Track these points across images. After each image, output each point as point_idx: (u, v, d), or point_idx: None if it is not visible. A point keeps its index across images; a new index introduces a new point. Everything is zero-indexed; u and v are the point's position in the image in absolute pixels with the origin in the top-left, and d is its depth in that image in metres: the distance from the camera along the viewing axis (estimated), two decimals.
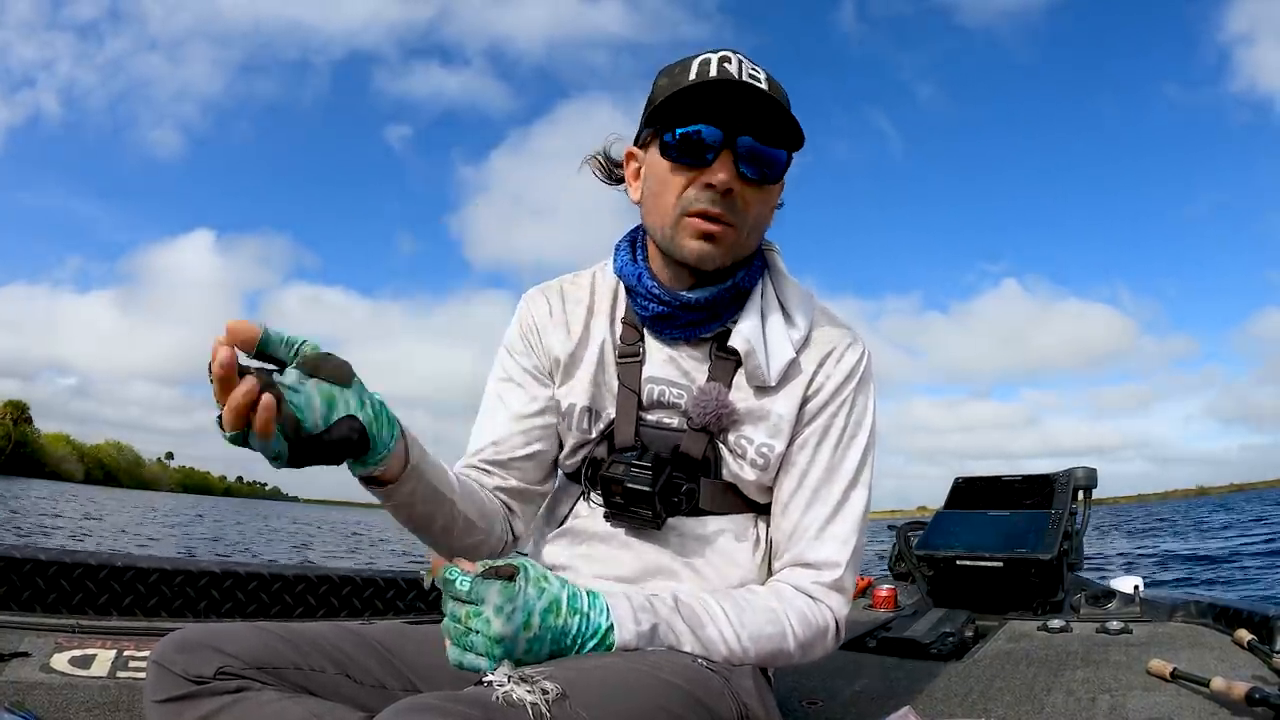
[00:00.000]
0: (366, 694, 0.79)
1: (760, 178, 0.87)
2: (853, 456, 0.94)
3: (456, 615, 0.70)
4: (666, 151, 0.87)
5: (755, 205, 0.89)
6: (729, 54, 0.86)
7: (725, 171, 0.85)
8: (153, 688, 0.73)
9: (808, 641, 0.88)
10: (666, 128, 0.87)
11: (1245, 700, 1.15)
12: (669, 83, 0.88)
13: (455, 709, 0.59)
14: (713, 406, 0.90)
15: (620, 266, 0.96)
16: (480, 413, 1.01)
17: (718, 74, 0.85)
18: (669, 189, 0.88)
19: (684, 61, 0.88)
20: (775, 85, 0.88)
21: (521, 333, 1.00)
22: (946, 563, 2.25)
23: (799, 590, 0.89)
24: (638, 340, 0.95)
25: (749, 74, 0.85)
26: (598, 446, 0.95)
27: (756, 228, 0.91)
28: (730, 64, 0.85)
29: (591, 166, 1.00)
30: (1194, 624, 1.85)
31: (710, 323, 0.93)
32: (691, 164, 0.86)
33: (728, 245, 0.88)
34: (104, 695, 1.21)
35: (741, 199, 0.87)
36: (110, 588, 1.54)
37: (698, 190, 0.86)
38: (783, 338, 0.92)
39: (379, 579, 1.85)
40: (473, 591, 0.70)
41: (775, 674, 0.99)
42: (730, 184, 0.85)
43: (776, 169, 0.88)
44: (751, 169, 0.86)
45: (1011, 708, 1.26)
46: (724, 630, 0.83)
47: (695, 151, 0.85)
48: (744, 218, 0.88)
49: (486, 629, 0.69)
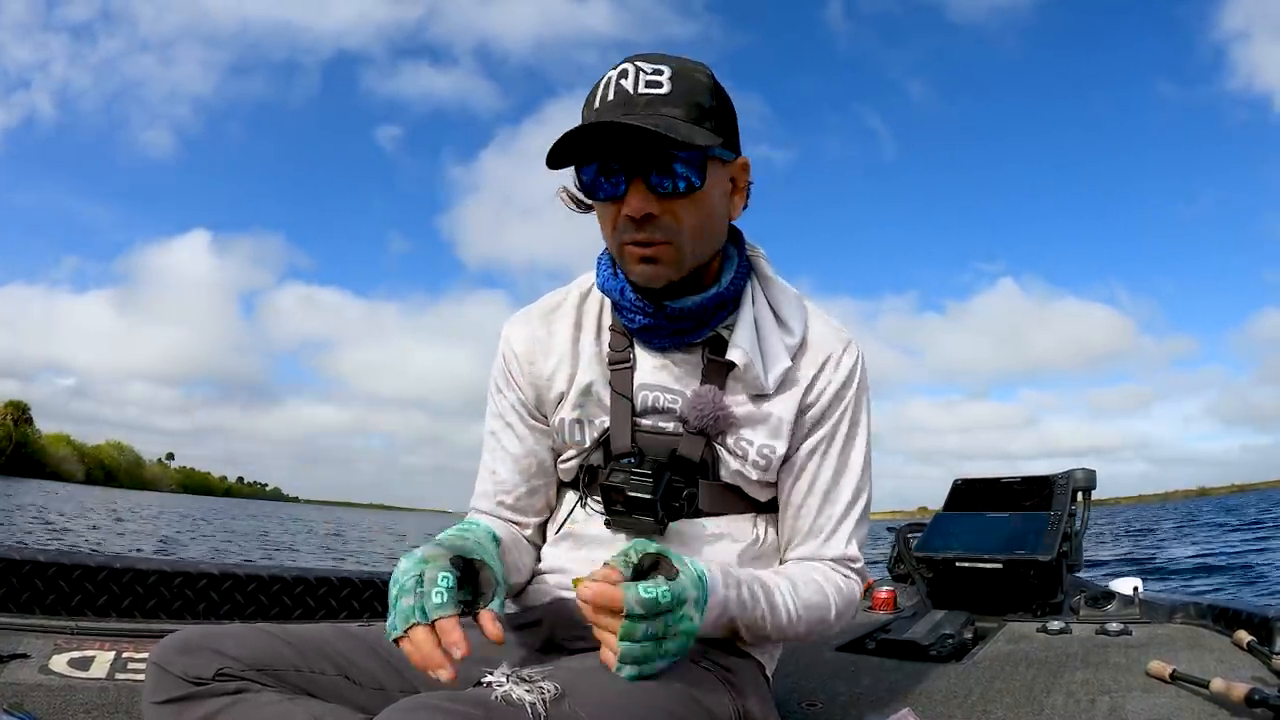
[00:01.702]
0: (366, 695, 0.79)
1: (676, 190, 0.83)
2: (857, 455, 0.96)
3: (653, 632, 0.71)
4: (588, 191, 0.87)
5: (687, 215, 0.85)
6: (628, 66, 0.83)
7: (637, 199, 0.83)
8: (152, 689, 0.73)
9: (841, 613, 0.93)
10: (574, 167, 0.86)
11: (1245, 702, 1.15)
12: (584, 113, 0.85)
13: (455, 708, 0.59)
14: (710, 410, 0.90)
15: (603, 282, 0.95)
16: (483, 451, 1.03)
17: (614, 96, 0.82)
18: (604, 222, 0.89)
19: (595, 85, 0.86)
20: (684, 78, 0.83)
21: (503, 367, 1.01)
22: (946, 564, 2.25)
23: (831, 568, 0.94)
24: (627, 347, 0.95)
25: (647, 82, 0.82)
26: (593, 454, 0.96)
27: (701, 231, 0.87)
28: (627, 78, 0.82)
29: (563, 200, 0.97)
30: (1193, 625, 1.85)
31: (699, 329, 0.93)
32: (607, 198, 0.85)
33: (671, 262, 0.86)
34: (103, 697, 1.21)
35: (669, 214, 0.84)
36: (109, 589, 1.54)
37: (622, 220, 0.85)
38: (779, 345, 0.93)
39: (378, 580, 1.85)
40: (674, 598, 0.72)
41: (774, 675, 0.99)
42: (644, 209, 0.83)
43: (694, 174, 0.84)
44: (667, 183, 0.83)
45: (1011, 709, 1.26)
46: (786, 598, 0.87)
47: (605, 189, 0.85)
48: (677, 231, 0.85)
49: (691, 627, 0.73)
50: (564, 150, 0.82)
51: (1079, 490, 2.33)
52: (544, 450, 1.00)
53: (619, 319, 0.96)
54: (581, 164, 0.85)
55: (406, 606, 0.70)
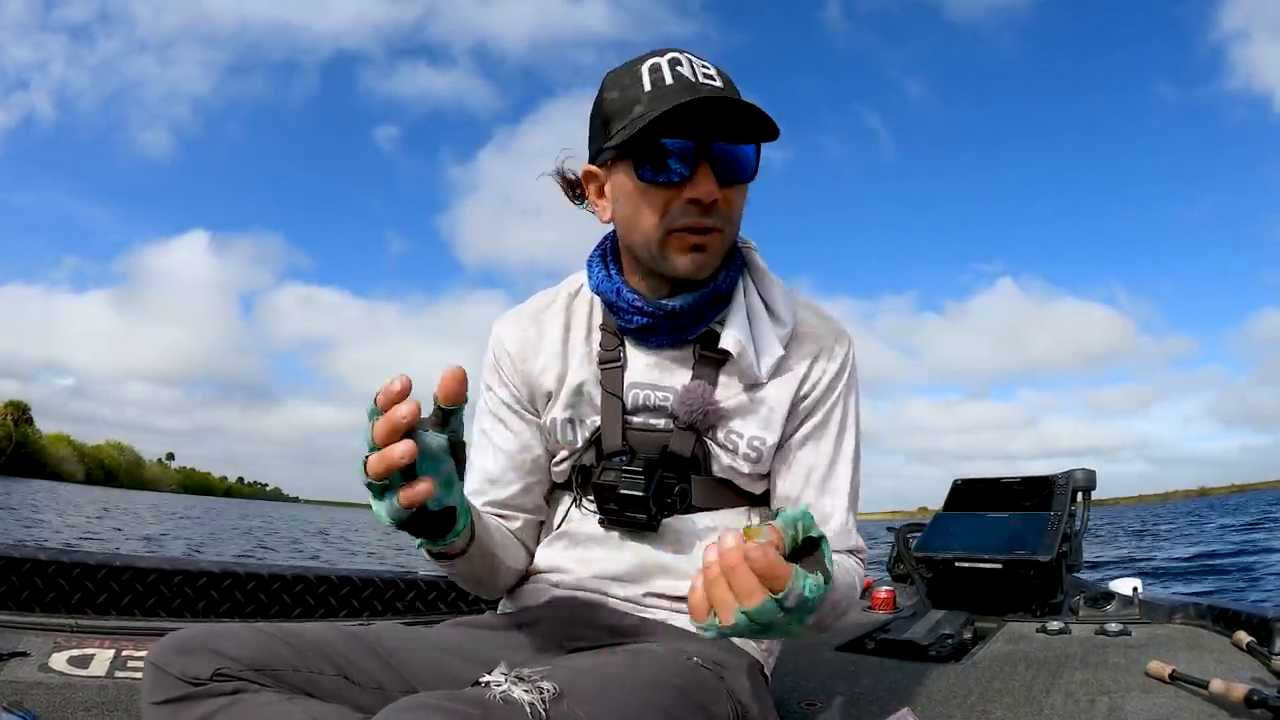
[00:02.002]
0: (365, 695, 0.79)
1: (739, 178, 0.86)
2: (848, 444, 0.97)
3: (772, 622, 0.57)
4: (641, 173, 0.85)
5: (737, 205, 0.88)
6: (677, 54, 0.84)
7: (708, 183, 0.83)
8: (150, 689, 0.73)
9: (859, 586, 0.94)
10: (635, 148, 0.84)
11: (1244, 702, 1.14)
12: (620, 96, 0.85)
13: (453, 708, 0.59)
14: (699, 405, 0.90)
15: (597, 283, 0.95)
16: (473, 450, 1.02)
17: (674, 80, 0.82)
18: (649, 208, 0.86)
19: (632, 71, 0.85)
20: (727, 78, 0.86)
21: (494, 365, 1.01)
22: (945, 564, 2.25)
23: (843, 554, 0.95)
24: (618, 346, 0.95)
25: (703, 74, 0.83)
26: (585, 453, 0.96)
27: (739, 224, 0.91)
28: (682, 66, 0.83)
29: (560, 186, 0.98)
30: (1193, 626, 1.85)
31: (695, 326, 0.93)
32: (670, 180, 0.84)
33: (717, 251, 0.88)
34: (102, 695, 1.21)
35: (725, 202, 0.86)
36: (109, 587, 1.54)
37: (682, 206, 0.84)
38: (771, 335, 0.93)
39: (378, 579, 1.85)
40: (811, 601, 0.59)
41: (773, 674, 0.99)
42: (715, 194, 0.83)
43: (751, 166, 0.87)
44: (730, 173, 0.85)
45: (1010, 709, 1.26)
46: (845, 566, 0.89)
47: (672, 167, 0.83)
48: (730, 220, 0.88)
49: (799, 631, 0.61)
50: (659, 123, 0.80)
51: (1079, 490, 2.33)
52: (538, 446, 1.00)
53: (612, 319, 0.96)
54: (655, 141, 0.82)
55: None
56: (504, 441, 1.00)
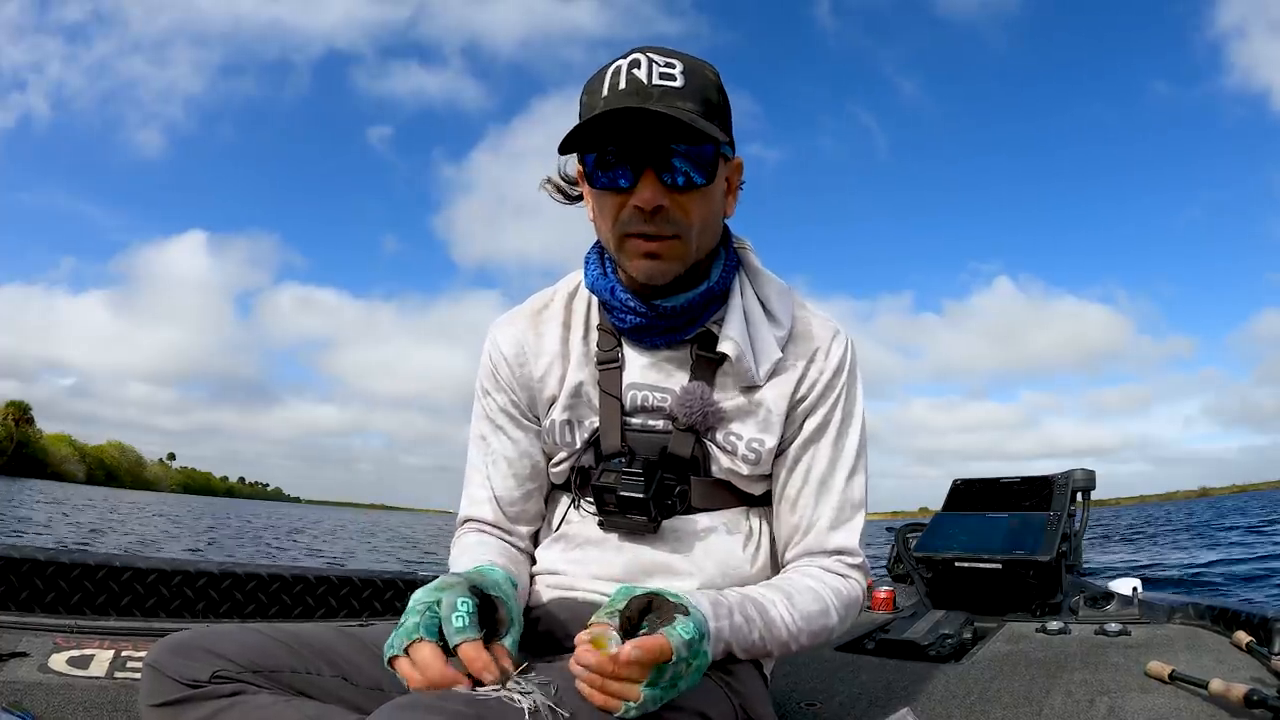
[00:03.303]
0: (363, 696, 0.79)
1: (689, 183, 0.83)
2: (850, 445, 0.96)
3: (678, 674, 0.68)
4: (591, 179, 0.85)
5: (696, 208, 0.85)
6: (639, 56, 0.83)
7: (649, 190, 0.82)
8: (148, 692, 0.73)
9: (845, 615, 0.92)
10: (583, 154, 0.85)
11: (1244, 702, 1.15)
12: (587, 100, 0.85)
13: (448, 708, 0.59)
14: (698, 406, 0.90)
15: (592, 281, 0.95)
16: (469, 455, 1.02)
17: (626, 84, 0.81)
18: (604, 213, 0.86)
19: (600, 74, 0.84)
20: (695, 75, 0.83)
21: (491, 370, 1.00)
22: (945, 564, 2.25)
23: (828, 570, 0.93)
24: (616, 346, 0.95)
25: (661, 74, 0.82)
26: (584, 455, 0.95)
27: (706, 228, 0.88)
28: (640, 68, 0.82)
29: (548, 191, 0.98)
30: (1192, 626, 1.85)
31: (690, 326, 0.93)
32: (616, 187, 0.84)
33: (675, 257, 0.86)
34: (102, 695, 1.21)
35: (678, 208, 0.84)
36: (108, 588, 1.54)
37: (629, 211, 0.84)
38: (768, 337, 0.93)
39: (377, 580, 1.86)
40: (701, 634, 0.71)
41: (772, 675, 0.99)
42: (656, 201, 0.82)
43: (705, 169, 0.84)
44: (678, 177, 0.83)
45: (1010, 709, 1.26)
46: (782, 613, 0.85)
47: (615, 175, 0.83)
48: (685, 225, 0.85)
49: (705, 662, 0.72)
50: (576, 135, 0.81)
51: (1078, 491, 2.33)
52: (537, 453, 1.00)
53: (608, 318, 0.96)
54: (591, 150, 0.83)
55: (411, 624, 0.69)
56: (505, 449, 0.99)
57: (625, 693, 0.66)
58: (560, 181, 0.98)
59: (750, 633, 0.81)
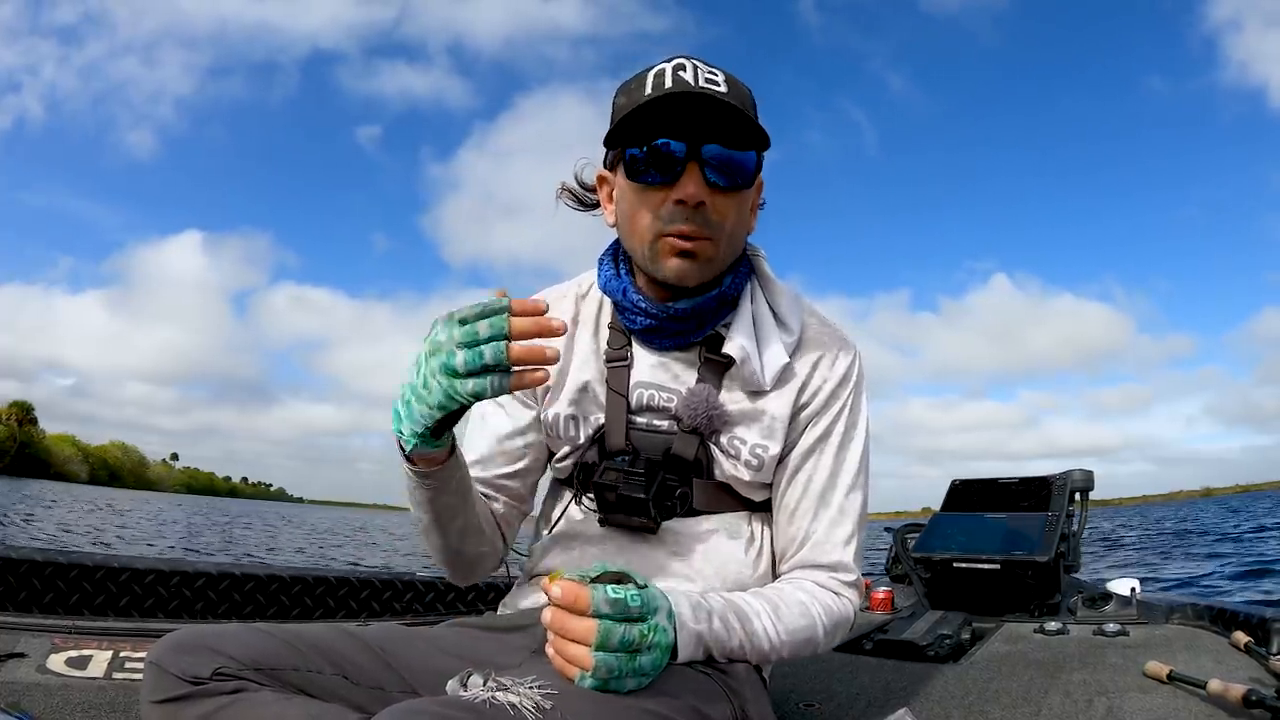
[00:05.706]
0: (363, 695, 0.79)
1: (731, 184, 0.85)
2: (852, 459, 0.95)
3: (629, 640, 0.67)
4: (632, 172, 0.86)
5: (730, 213, 0.87)
6: (683, 61, 0.85)
7: (694, 184, 0.83)
8: (150, 688, 0.73)
9: (832, 632, 0.91)
10: (628, 147, 0.85)
11: (1242, 702, 1.15)
12: (627, 101, 0.86)
13: (447, 714, 0.60)
14: (703, 408, 0.90)
15: (605, 282, 0.96)
16: (468, 431, 1.02)
17: (673, 84, 0.83)
18: (641, 209, 0.87)
19: (639, 76, 0.86)
20: (736, 85, 0.86)
21: None
22: (943, 565, 2.25)
23: (821, 586, 0.92)
24: (625, 345, 0.96)
25: (706, 79, 0.84)
26: (588, 451, 0.95)
27: (734, 235, 0.89)
28: (685, 71, 0.83)
29: (564, 199, 0.99)
30: (1191, 626, 1.85)
31: (700, 329, 0.93)
32: (659, 181, 0.84)
33: (707, 259, 0.87)
34: (100, 696, 1.21)
35: (715, 209, 0.85)
36: (106, 588, 1.54)
37: (669, 208, 0.85)
38: (776, 343, 0.93)
39: (376, 580, 1.86)
40: (645, 604, 0.69)
41: (771, 676, 0.99)
42: (700, 196, 0.83)
43: (746, 173, 0.86)
44: (721, 177, 0.84)
45: (1008, 710, 1.26)
46: (766, 625, 0.84)
47: (660, 167, 0.84)
48: (720, 228, 0.86)
49: (665, 639, 0.71)
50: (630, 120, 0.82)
51: (1077, 491, 2.33)
52: (532, 434, 1.00)
53: (619, 319, 0.96)
54: (640, 142, 0.84)
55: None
56: (500, 425, 1.00)
57: (577, 657, 0.66)
58: (576, 188, 0.99)
59: (730, 639, 0.80)
